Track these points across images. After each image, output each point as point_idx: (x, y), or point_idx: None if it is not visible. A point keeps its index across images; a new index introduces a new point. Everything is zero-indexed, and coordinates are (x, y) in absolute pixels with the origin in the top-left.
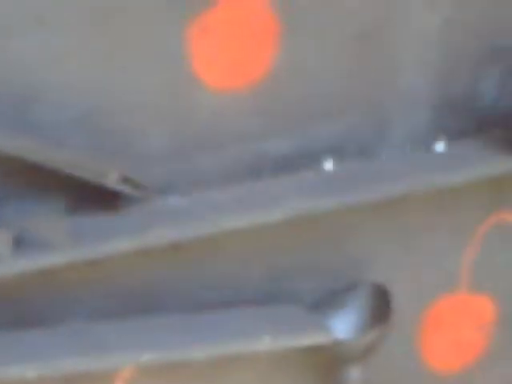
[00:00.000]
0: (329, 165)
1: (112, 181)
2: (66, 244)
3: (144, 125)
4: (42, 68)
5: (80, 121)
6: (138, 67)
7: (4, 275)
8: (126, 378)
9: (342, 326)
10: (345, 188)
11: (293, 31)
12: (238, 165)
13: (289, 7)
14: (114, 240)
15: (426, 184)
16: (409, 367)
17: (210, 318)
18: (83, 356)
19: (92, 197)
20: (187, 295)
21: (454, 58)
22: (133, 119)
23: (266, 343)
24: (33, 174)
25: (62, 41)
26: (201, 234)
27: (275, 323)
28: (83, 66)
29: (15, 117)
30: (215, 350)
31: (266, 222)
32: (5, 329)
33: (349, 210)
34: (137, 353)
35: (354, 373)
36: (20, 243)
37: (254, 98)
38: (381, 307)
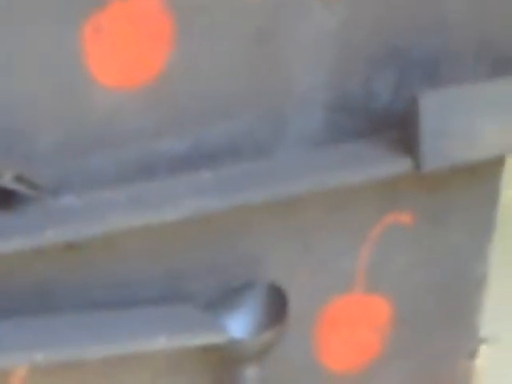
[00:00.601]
0: (223, 164)
1: (6, 180)
2: None
3: (38, 123)
4: None
5: None
6: (32, 66)
7: None
8: (20, 377)
9: (238, 325)
10: (240, 187)
11: (187, 31)
12: (133, 164)
13: (183, 8)
14: (7, 239)
15: (320, 184)
16: (305, 367)
17: (106, 318)
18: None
19: None
20: (82, 294)
21: (350, 59)
22: (26, 118)
23: (161, 343)
24: None
25: None
26: (95, 234)
27: (170, 323)
28: None
29: None
30: (110, 350)
31: (161, 222)
32: None
33: (244, 209)
34: (31, 352)
35: (251, 372)
36: None
37: (148, 97)
38: (276, 307)
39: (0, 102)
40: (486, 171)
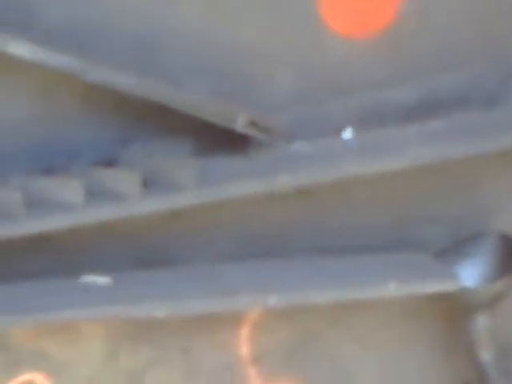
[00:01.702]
0: (452, 114)
1: (240, 125)
2: (193, 185)
3: (271, 70)
4: (166, 17)
5: (209, 67)
6: (266, 14)
7: (132, 216)
8: (253, 320)
9: (469, 274)
10: (470, 136)
11: None
12: (363, 111)
13: None
14: (241, 183)
15: None
16: None
17: (336, 263)
18: (211, 298)
19: (219, 140)
20: (313, 239)
21: None
22: (260, 65)
23: (391, 289)
24: (162, 116)
25: None
26: (326, 180)
27: (401, 270)
28: (207, 14)
29: (144, 65)
30: (340, 294)
31: (391, 169)
32: (131, 269)
33: (476, 158)
34: (264, 295)
35: (481, 321)
36: (148, 184)
37: (379, 46)
38: (508, 257)
39: (234, 51)
40: None
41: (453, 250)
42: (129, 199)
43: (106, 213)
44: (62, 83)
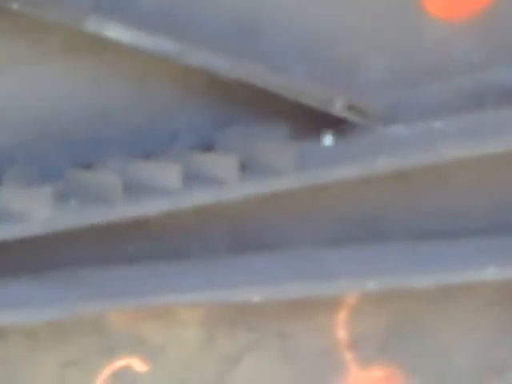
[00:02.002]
0: None
1: (337, 108)
2: (291, 169)
3: (369, 54)
4: (267, 1)
5: (305, 50)
6: None
7: (229, 200)
8: (350, 304)
9: None
10: None
11: None
12: (461, 94)
13: None
14: (339, 166)
15: None
16: None
17: (434, 247)
18: (309, 282)
19: (317, 123)
20: (411, 223)
21: None
22: (358, 49)
23: (490, 273)
24: (260, 100)
25: None
26: (425, 163)
27: (500, 254)
28: None
29: (242, 46)
30: (438, 278)
31: (490, 153)
32: (228, 253)
33: None
34: (362, 279)
35: None
36: (246, 168)
37: (477, 29)
38: None
39: (331, 34)
40: None
41: None
42: (226, 183)
43: (203, 197)
44: (161, 67)
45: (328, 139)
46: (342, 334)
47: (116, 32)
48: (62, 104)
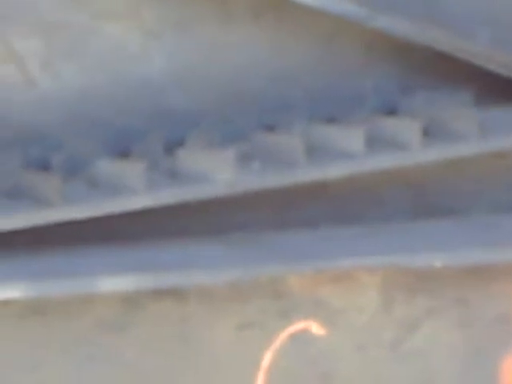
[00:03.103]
0: None
1: None
2: (474, 135)
3: None
4: None
5: (489, 13)
6: None
7: (412, 165)
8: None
9: None
10: None
11: None
12: None
13: None
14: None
15: None
16: None
17: None
18: (489, 248)
19: (501, 90)
20: None
21: None
22: None
23: None
24: (444, 65)
25: None
26: None
27: None
28: None
29: (426, 9)
30: None
31: None
32: (407, 218)
33: None
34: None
35: None
36: (428, 133)
37: None
38: None
39: None
40: None
41: None
42: (409, 148)
43: (386, 161)
44: (346, 30)
45: None
46: None
47: None
48: (245, 67)
